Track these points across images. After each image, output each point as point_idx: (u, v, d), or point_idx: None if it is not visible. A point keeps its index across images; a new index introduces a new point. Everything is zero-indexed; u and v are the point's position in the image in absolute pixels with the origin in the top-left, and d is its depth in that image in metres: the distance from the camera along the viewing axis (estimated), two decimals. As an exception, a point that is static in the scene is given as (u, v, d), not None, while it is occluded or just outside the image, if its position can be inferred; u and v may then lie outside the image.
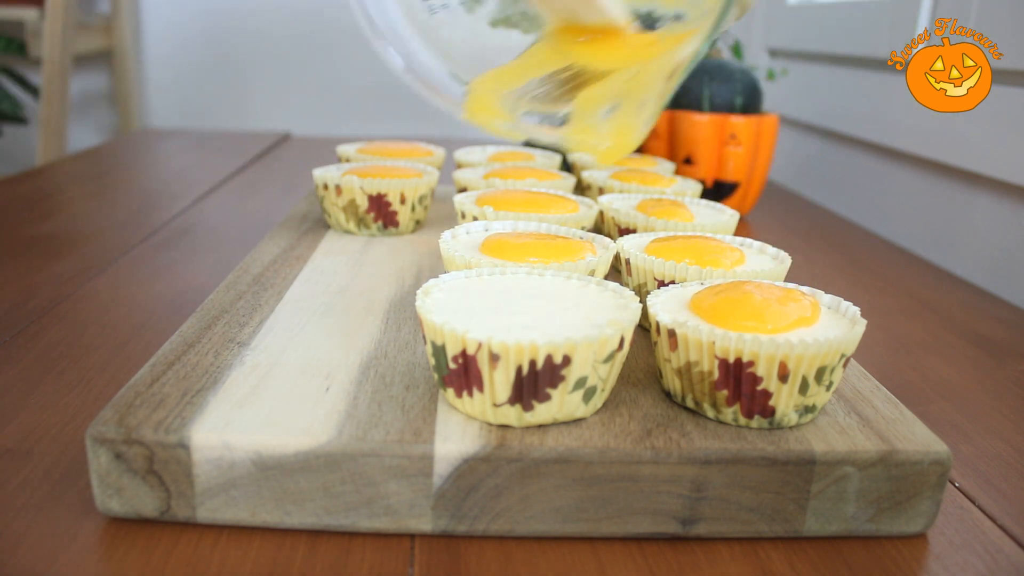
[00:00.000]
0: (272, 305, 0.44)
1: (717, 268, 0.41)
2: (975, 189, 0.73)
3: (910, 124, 0.81)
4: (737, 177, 0.81)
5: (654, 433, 0.32)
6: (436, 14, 0.44)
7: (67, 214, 0.78)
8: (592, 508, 0.31)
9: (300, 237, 0.58)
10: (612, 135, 0.38)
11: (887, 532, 0.32)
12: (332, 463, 0.30)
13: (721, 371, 0.32)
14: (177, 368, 0.35)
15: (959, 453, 0.40)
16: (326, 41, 1.67)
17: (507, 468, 0.31)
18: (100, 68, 1.72)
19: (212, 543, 0.30)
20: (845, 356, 0.33)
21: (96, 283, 0.58)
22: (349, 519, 0.31)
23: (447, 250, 0.42)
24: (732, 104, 0.81)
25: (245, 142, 1.24)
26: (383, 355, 0.38)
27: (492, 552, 0.31)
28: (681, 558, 0.31)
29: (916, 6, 0.80)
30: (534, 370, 0.31)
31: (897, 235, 0.85)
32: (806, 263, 0.71)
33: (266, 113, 1.71)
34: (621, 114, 0.39)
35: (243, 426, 0.31)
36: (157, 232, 0.72)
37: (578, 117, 0.40)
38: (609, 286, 0.38)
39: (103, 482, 0.30)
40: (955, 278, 0.71)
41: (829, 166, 1.01)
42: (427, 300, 0.35)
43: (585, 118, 0.40)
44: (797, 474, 0.31)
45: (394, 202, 0.59)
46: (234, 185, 0.94)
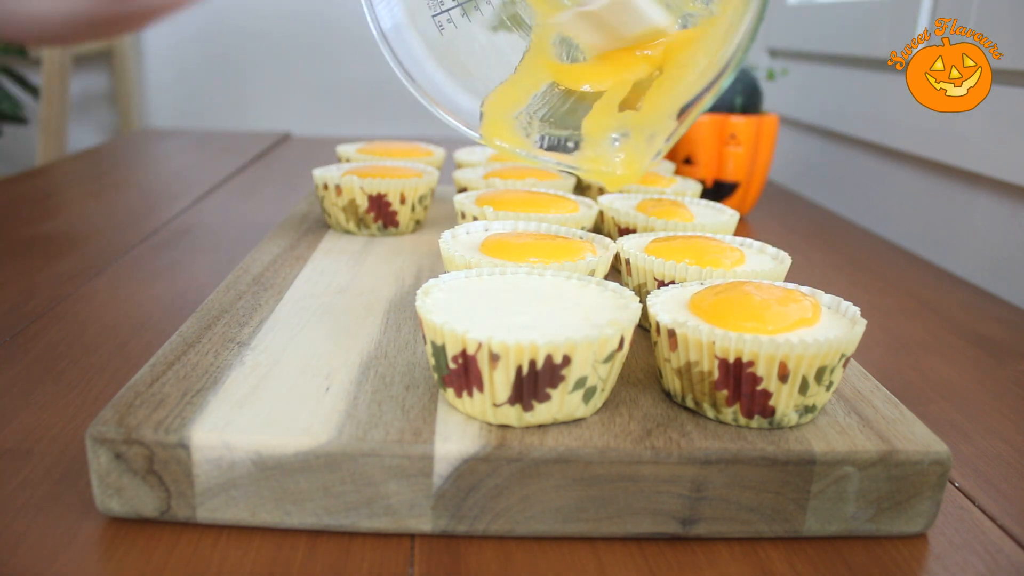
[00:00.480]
0: (272, 305, 0.44)
1: (717, 268, 0.41)
2: (975, 189, 0.73)
3: (910, 124, 0.81)
4: (737, 177, 0.81)
5: (654, 433, 0.32)
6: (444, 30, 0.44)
7: (67, 214, 0.78)
8: (592, 508, 0.31)
9: (300, 237, 0.58)
10: (623, 164, 0.39)
11: (887, 532, 0.32)
12: (332, 463, 0.30)
13: (721, 371, 0.32)
14: (177, 368, 0.35)
15: (959, 453, 0.40)
16: (326, 41, 1.67)
17: (507, 468, 0.31)
18: (100, 68, 1.72)
19: (212, 543, 0.30)
20: (845, 356, 0.33)
21: (96, 283, 0.58)
22: (349, 519, 0.31)
23: (447, 250, 0.42)
24: (732, 104, 0.81)
25: (245, 142, 1.24)
26: (383, 355, 0.38)
27: (492, 552, 0.31)
28: (681, 558, 0.31)
29: (916, 6, 0.80)
30: (534, 370, 0.31)
31: (897, 235, 0.85)
32: (806, 263, 0.71)
33: (266, 113, 1.71)
34: (631, 144, 0.39)
35: (243, 426, 0.31)
36: (157, 232, 0.72)
37: (589, 143, 0.40)
38: (609, 286, 0.38)
39: (103, 482, 0.30)
40: (955, 278, 0.71)
41: (829, 166, 1.01)
42: (427, 300, 0.35)
43: (596, 145, 0.40)
44: (797, 474, 0.31)
45: (394, 202, 0.59)
46: (234, 185, 0.94)
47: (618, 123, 0.40)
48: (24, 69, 1.61)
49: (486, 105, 0.44)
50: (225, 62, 1.70)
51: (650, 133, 0.38)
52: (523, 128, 0.43)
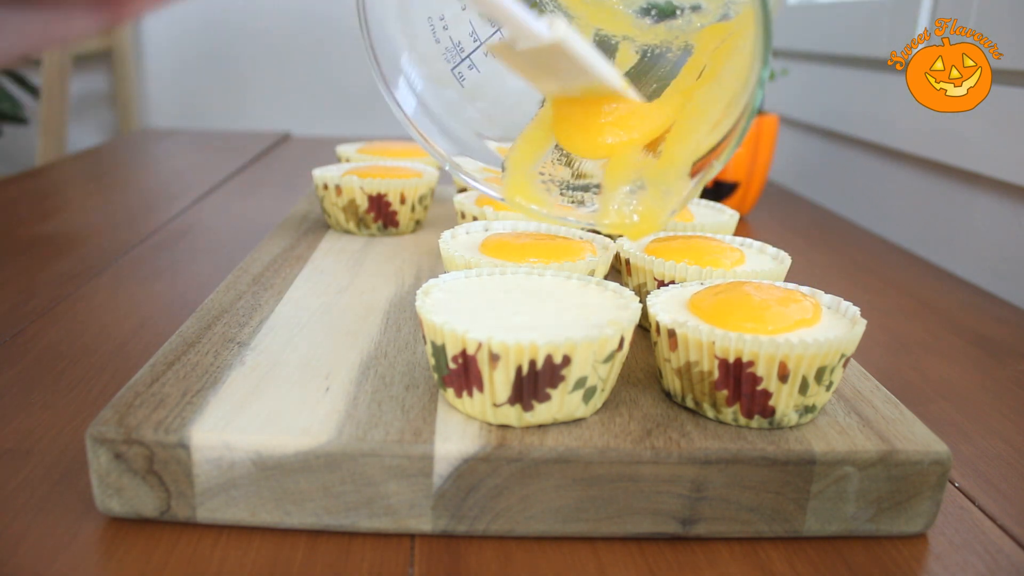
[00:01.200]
0: (272, 305, 0.44)
1: (717, 268, 0.41)
2: (975, 189, 0.73)
3: (910, 124, 0.81)
4: (737, 177, 0.81)
5: (654, 433, 0.32)
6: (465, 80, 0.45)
7: (67, 214, 0.78)
8: (592, 508, 0.31)
9: (300, 237, 0.58)
10: (641, 221, 0.39)
11: (887, 532, 0.32)
12: (332, 463, 0.30)
13: (721, 371, 0.32)
14: (177, 368, 0.35)
15: (959, 453, 0.40)
16: (326, 41, 1.67)
17: (507, 468, 0.30)
18: (100, 68, 1.72)
19: (212, 543, 0.30)
20: (845, 356, 0.33)
21: (96, 283, 0.58)
22: (349, 519, 0.31)
23: (447, 250, 0.42)
24: (732, 104, 0.80)
25: (245, 142, 1.24)
26: (383, 355, 0.38)
27: (492, 552, 0.31)
28: (681, 558, 0.31)
29: (916, 6, 0.80)
30: (534, 370, 0.31)
31: (897, 235, 0.85)
32: (806, 263, 0.71)
33: (266, 113, 1.71)
34: (648, 198, 0.39)
35: (243, 426, 0.31)
36: (157, 232, 0.72)
37: (606, 197, 0.41)
38: (609, 286, 0.38)
39: (103, 482, 0.30)
40: (955, 278, 0.71)
41: (829, 166, 1.01)
42: (427, 300, 0.35)
43: (613, 199, 0.40)
44: (797, 474, 0.31)
45: (394, 202, 0.59)
46: (234, 185, 0.94)
47: (635, 173, 0.40)
48: (24, 69, 1.61)
49: (508, 160, 0.45)
50: (225, 62, 1.70)
51: (665, 189, 0.39)
52: (544, 184, 0.44)
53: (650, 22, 0.43)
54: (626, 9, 0.44)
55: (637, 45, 0.44)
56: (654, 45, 0.43)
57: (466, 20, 0.45)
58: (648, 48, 0.44)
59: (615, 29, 0.44)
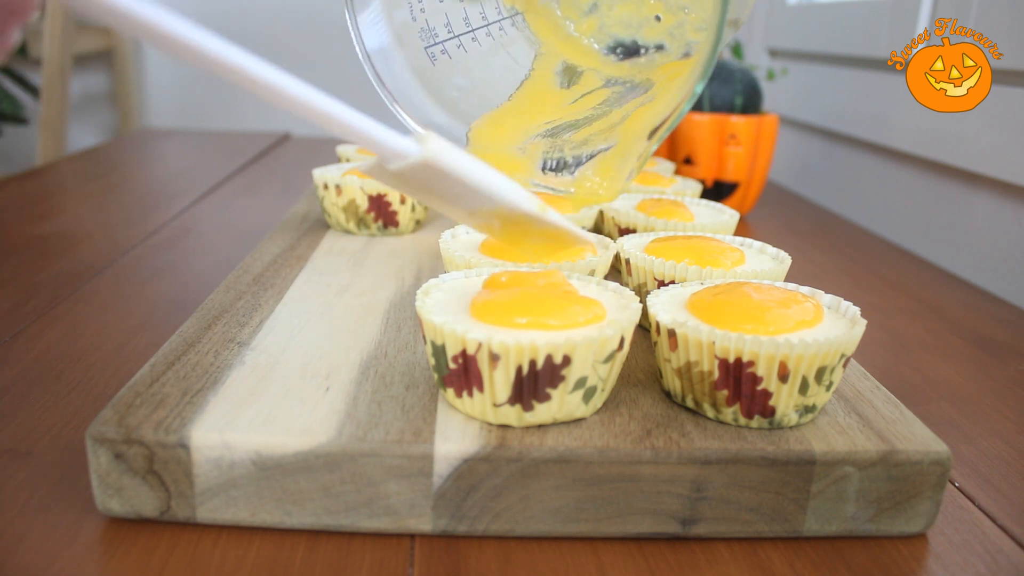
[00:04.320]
0: (272, 305, 0.44)
1: (717, 268, 0.41)
2: (975, 189, 0.73)
3: (910, 124, 0.81)
4: (737, 177, 0.81)
5: (654, 433, 0.32)
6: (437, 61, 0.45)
7: (67, 214, 0.78)
8: (592, 508, 0.31)
9: (300, 237, 0.58)
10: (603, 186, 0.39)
11: (887, 532, 0.32)
12: (332, 463, 0.30)
13: (721, 371, 0.32)
14: (177, 368, 0.35)
15: (959, 453, 0.40)
16: (326, 41, 1.67)
17: (507, 468, 0.30)
18: (100, 68, 1.72)
19: (212, 543, 0.30)
20: (845, 356, 0.33)
21: (96, 283, 0.58)
22: (349, 519, 0.31)
23: (447, 250, 0.42)
24: (732, 104, 0.81)
25: (245, 142, 1.24)
26: (383, 355, 0.38)
27: (492, 552, 0.31)
28: (681, 558, 0.31)
29: (916, 6, 0.80)
30: (534, 370, 0.31)
31: (897, 235, 0.85)
32: (806, 263, 0.71)
33: (266, 113, 1.71)
34: (605, 163, 0.39)
35: (243, 426, 0.31)
36: (157, 232, 0.72)
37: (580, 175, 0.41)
38: (609, 286, 0.38)
39: (103, 482, 0.30)
40: (955, 278, 0.71)
41: (829, 166, 1.01)
42: (427, 300, 0.35)
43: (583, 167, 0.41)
44: (797, 474, 0.31)
45: (394, 202, 0.59)
46: (234, 185, 0.94)
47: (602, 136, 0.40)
48: (24, 69, 1.61)
49: (473, 131, 0.45)
50: (225, 62, 1.70)
51: (627, 152, 0.39)
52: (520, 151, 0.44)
53: (615, 59, 0.44)
54: (593, 45, 0.44)
55: (602, 75, 0.44)
56: (618, 77, 0.44)
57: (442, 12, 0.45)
58: (612, 78, 0.44)
59: (582, 62, 0.45)
